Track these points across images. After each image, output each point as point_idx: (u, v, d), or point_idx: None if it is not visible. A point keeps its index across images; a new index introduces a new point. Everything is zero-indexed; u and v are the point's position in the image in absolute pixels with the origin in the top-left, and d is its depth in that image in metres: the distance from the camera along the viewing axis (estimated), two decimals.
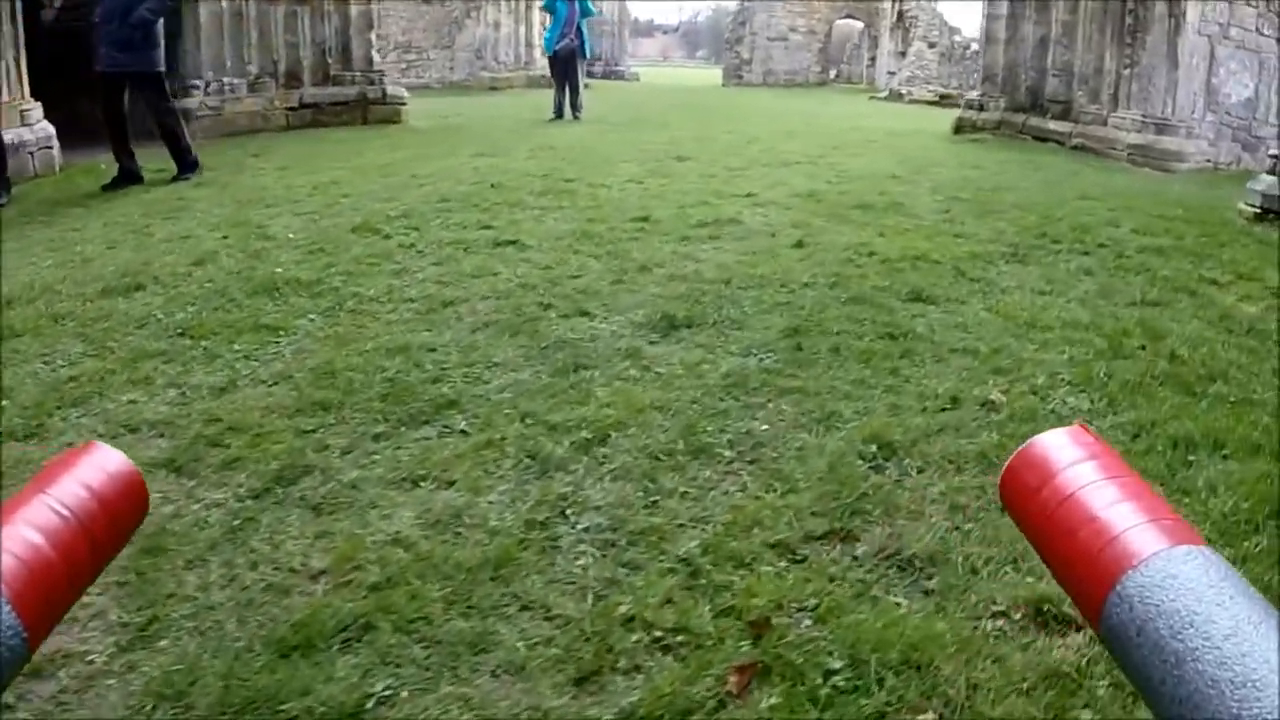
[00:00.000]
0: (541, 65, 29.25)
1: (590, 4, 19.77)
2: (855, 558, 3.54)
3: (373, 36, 18.08)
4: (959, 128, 17.65)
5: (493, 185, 10.47)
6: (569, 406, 4.79)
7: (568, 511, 3.88)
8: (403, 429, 4.68)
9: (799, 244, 8.10)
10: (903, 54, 34.36)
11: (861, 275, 7.20)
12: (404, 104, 18.38)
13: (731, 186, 10.80)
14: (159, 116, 11.37)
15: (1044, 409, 4.90)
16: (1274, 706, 1.06)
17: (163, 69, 11.23)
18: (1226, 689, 1.09)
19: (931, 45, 32.87)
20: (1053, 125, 16.44)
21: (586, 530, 3.75)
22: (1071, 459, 1.44)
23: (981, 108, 17.50)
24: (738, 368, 5.29)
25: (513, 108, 21.63)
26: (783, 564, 3.50)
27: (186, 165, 11.52)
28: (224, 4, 16.12)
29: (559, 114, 19.31)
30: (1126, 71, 15.33)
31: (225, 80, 16.35)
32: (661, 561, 3.52)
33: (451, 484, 4.14)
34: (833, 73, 42.13)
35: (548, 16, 20.78)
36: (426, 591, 3.38)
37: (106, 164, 11.47)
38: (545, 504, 3.93)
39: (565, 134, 16.29)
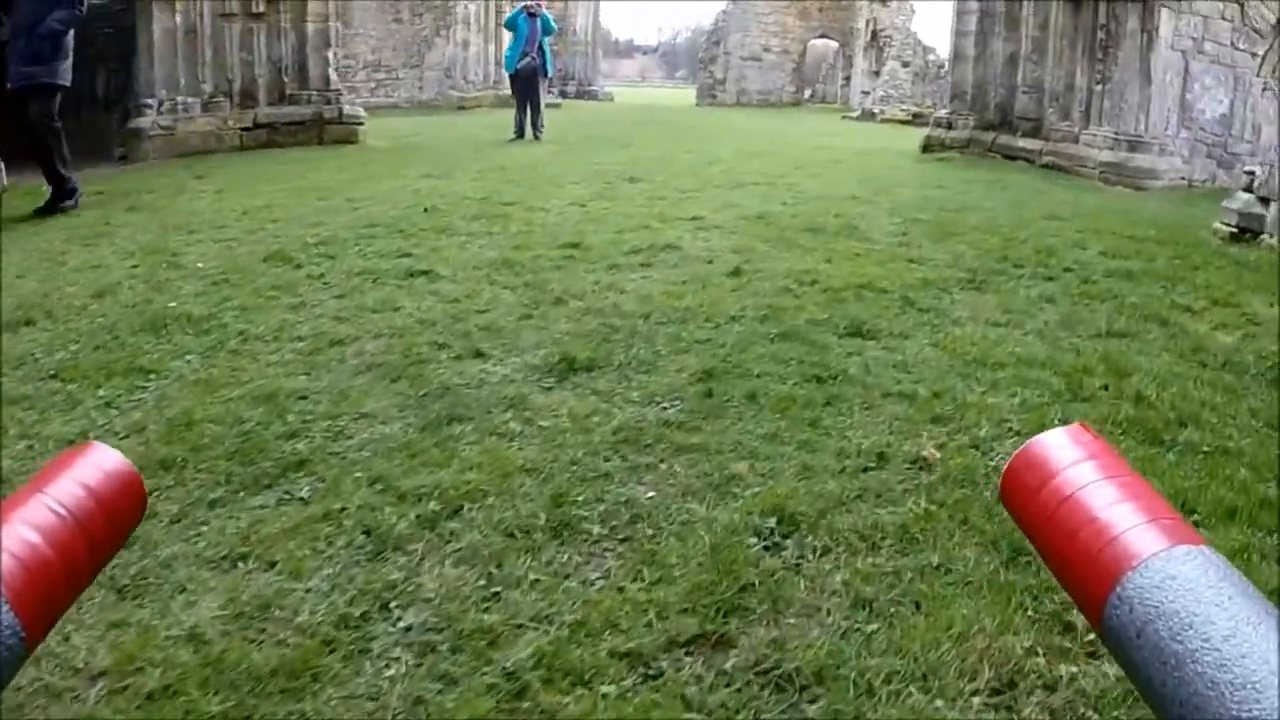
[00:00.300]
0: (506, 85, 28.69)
1: (552, 21, 19.08)
2: (723, 672, 2.83)
3: (330, 55, 17.36)
4: (927, 146, 17.04)
5: (426, 209, 9.78)
6: (427, 470, 4.09)
7: (392, 605, 3.19)
8: (242, 494, 4.00)
9: (735, 272, 7.42)
10: (877, 73, 33.83)
11: (798, 307, 6.53)
12: (361, 124, 17.68)
13: (679, 209, 10.13)
14: (38, 132, 10.36)
15: (985, 466, 4.21)
16: (1273, 708, 1.03)
17: (64, 82, 10.33)
18: (1226, 691, 1.06)
19: (905, 65, 32.30)
20: (1023, 143, 15.83)
21: (407, 630, 3.06)
22: (1071, 459, 1.41)
23: (950, 126, 16.88)
24: (633, 420, 4.58)
25: (477, 127, 20.94)
26: (630, 681, 2.80)
27: (61, 193, 10.43)
28: (178, 20, 15.44)
29: (520, 134, 18.62)
30: (1098, 88, 14.77)
31: (179, 99, 15.66)
32: (484, 675, 2.83)
33: (273, 565, 3.47)
34: (808, 93, 41.51)
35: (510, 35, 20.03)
36: (203, 705, 2.77)
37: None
38: (369, 594, 3.25)
39: (521, 154, 15.63)
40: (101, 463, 1.45)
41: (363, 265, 7.61)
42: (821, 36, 39.71)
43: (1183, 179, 14.79)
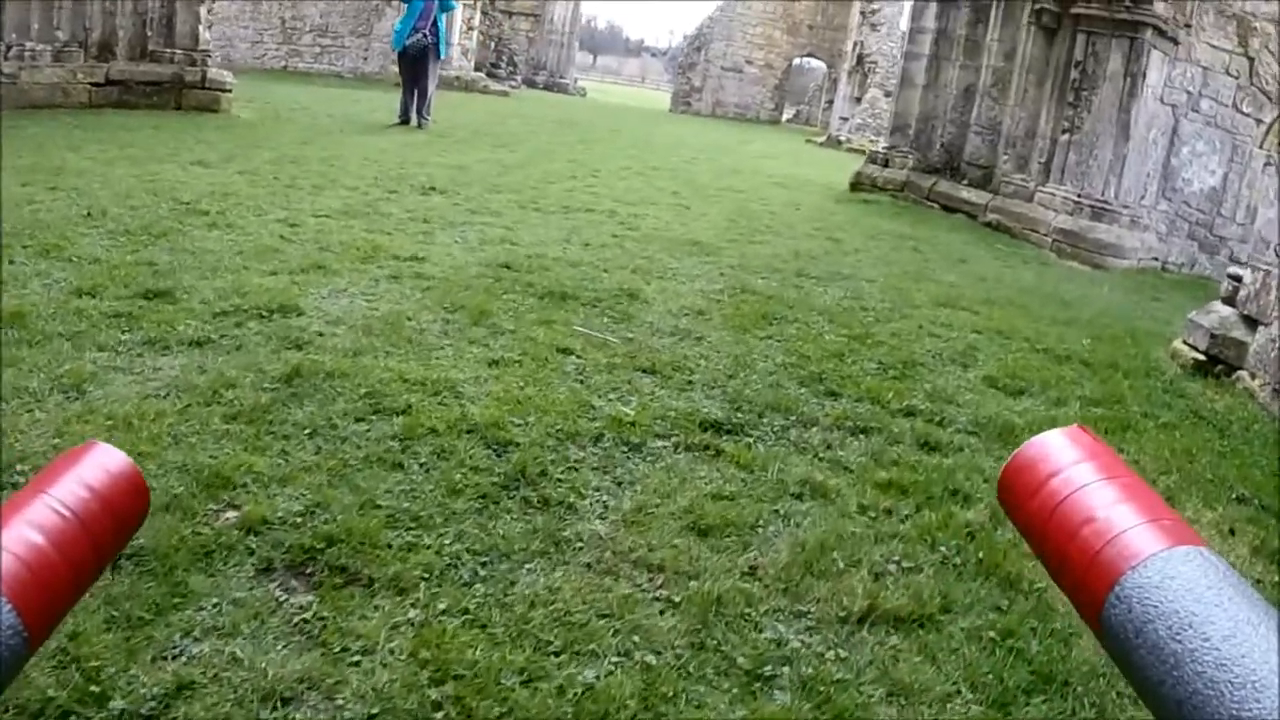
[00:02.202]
0: (458, 66, 25.29)
1: None
2: None
3: (202, 10, 14.13)
4: (856, 184, 13.67)
5: (88, 213, 6.53)
6: None
7: None
8: None
9: (290, 375, 4.05)
10: (859, 100, 30.30)
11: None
12: (226, 90, 14.45)
13: (420, 240, 6.87)
14: None
15: None
16: (1273, 708, 0.98)
17: None
18: (1226, 690, 1.02)
19: (888, 94, 28.72)
20: (967, 194, 12.45)
21: None
22: (1070, 459, 1.32)
23: (887, 163, 13.50)
24: None
25: (381, 108, 17.50)
26: None
27: None
28: None
29: (405, 119, 15.25)
30: (1064, 137, 11.48)
31: (27, 45, 12.78)
32: None
33: None
34: (790, 112, 38.02)
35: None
36: None
37: None
38: None
39: (365, 145, 12.30)
40: (104, 462, 1.34)
41: None
42: (809, 55, 36.15)
43: (1155, 259, 11.58)
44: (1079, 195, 11.27)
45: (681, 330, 5.59)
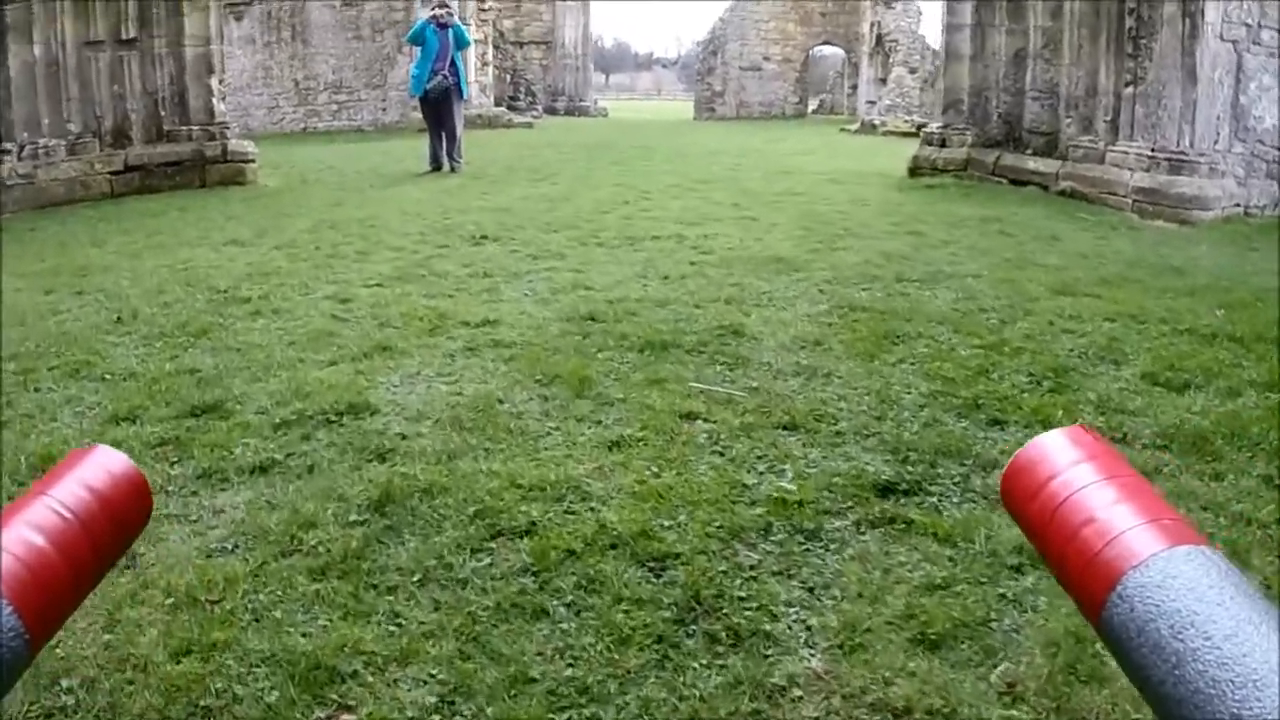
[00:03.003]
0: (478, 104, 24.58)
1: (466, 33, 14.87)
2: None
3: (213, 83, 13.49)
4: (915, 169, 12.81)
5: (118, 318, 5.82)
6: None
7: None
8: None
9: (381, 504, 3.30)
10: (883, 81, 29.38)
11: None
12: (250, 161, 13.82)
13: (484, 303, 6.07)
14: None
15: None
16: (1274, 707, 0.98)
17: None
18: (1227, 689, 1.01)
19: (913, 71, 27.87)
20: (1034, 164, 11.57)
21: None
22: (1072, 459, 1.31)
23: (944, 143, 12.61)
24: None
25: (409, 156, 16.82)
26: None
27: None
28: (36, 52, 11.95)
29: (435, 165, 14.52)
30: (1129, 90, 10.54)
31: (40, 142, 12.18)
32: None
33: None
34: (814, 103, 37.08)
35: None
36: None
37: None
38: None
39: (405, 196, 11.56)
40: (106, 465, 1.34)
41: None
42: (825, 43, 35.23)
43: (1238, 206, 10.59)
44: (1153, 149, 10.33)
45: (804, 368, 4.80)
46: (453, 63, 14.31)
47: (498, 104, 27.43)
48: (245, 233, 8.99)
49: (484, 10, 24.93)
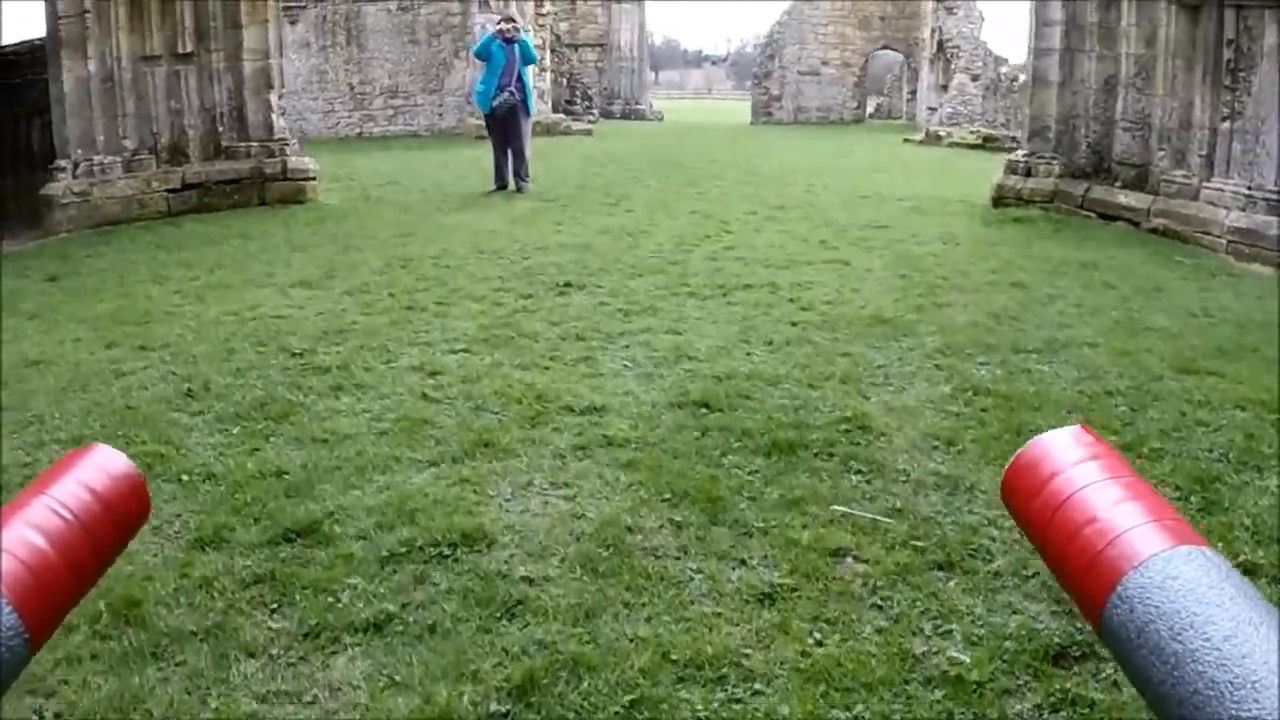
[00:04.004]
0: (536, 110, 24.19)
1: (533, 48, 14.47)
2: None
3: (273, 98, 13.20)
4: (999, 198, 12.27)
5: (188, 392, 5.46)
6: None
7: None
8: None
9: None
10: (944, 87, 28.80)
11: None
12: (311, 178, 13.56)
13: (580, 377, 5.71)
14: None
15: None
16: (1274, 708, 0.97)
17: None
18: (1226, 690, 1.00)
19: (975, 78, 27.27)
20: (1124, 198, 11.07)
21: None
22: (1073, 459, 1.30)
23: (1029, 172, 12.12)
24: None
25: (472, 169, 16.48)
26: None
27: None
28: (91, 68, 11.72)
29: (501, 184, 14.16)
30: (1225, 125, 10.05)
31: (95, 159, 11.97)
32: None
33: None
34: (871, 106, 36.50)
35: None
36: None
37: None
38: None
39: (476, 225, 11.21)
40: (105, 464, 1.33)
41: None
42: (884, 48, 34.68)
43: None
44: (1249, 188, 9.81)
45: (943, 479, 4.38)
46: (519, 79, 13.92)
47: (555, 109, 27.12)
48: (313, 271, 8.65)
49: (542, 15, 24.56)
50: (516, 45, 13.89)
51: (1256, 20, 9.64)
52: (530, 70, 17.73)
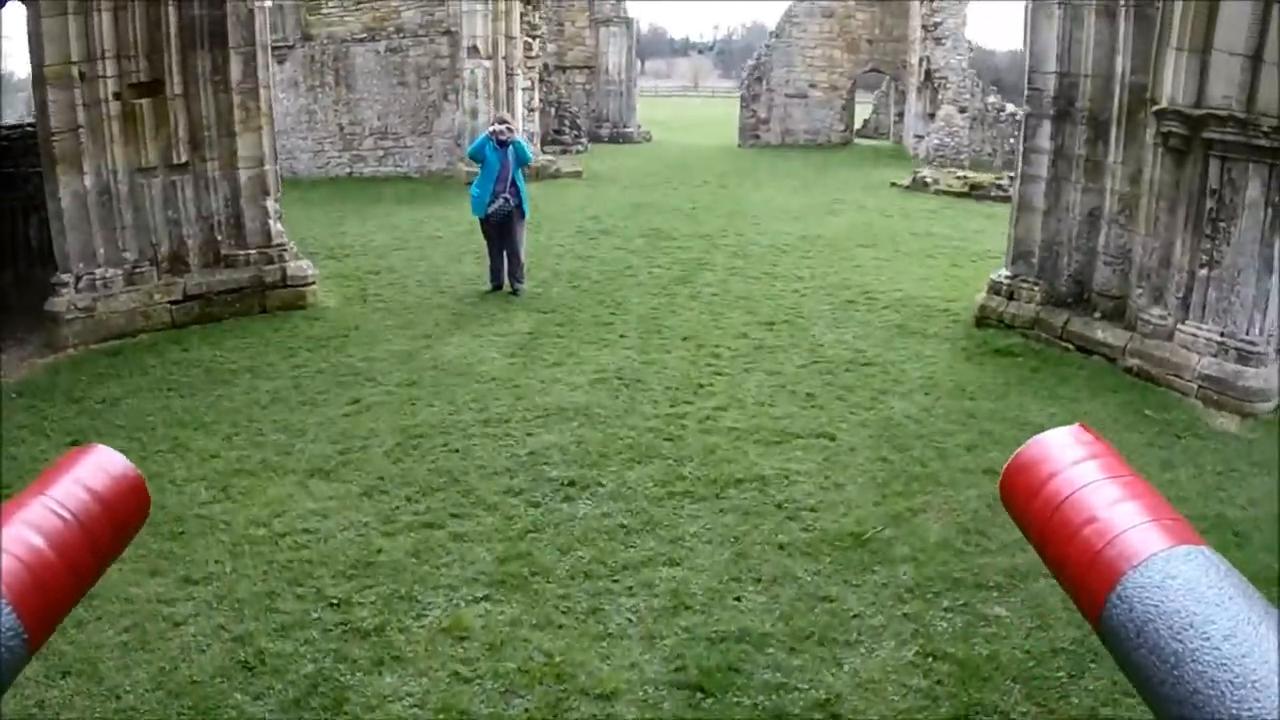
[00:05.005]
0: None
1: (528, 149, 15.17)
2: None
3: (269, 204, 13.90)
4: (982, 318, 13.10)
5: (246, 664, 6.28)
6: None
7: None
8: None
9: None
10: (931, 115, 29.57)
11: None
12: (309, 284, 14.33)
13: None
14: None
15: None
16: (1273, 707, 1.00)
17: None
18: (1226, 689, 1.03)
19: (962, 110, 28.06)
20: (1102, 333, 11.86)
21: None
22: (1073, 458, 1.36)
23: (1012, 295, 12.93)
24: None
25: (461, 246, 17.30)
26: None
27: None
28: (87, 183, 12.40)
29: (497, 285, 14.98)
30: (1203, 272, 10.80)
31: (97, 273, 12.70)
32: None
33: None
34: (859, 121, 37.23)
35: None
36: None
37: None
38: None
39: (471, 361, 12.13)
40: (105, 465, 1.39)
41: None
42: (872, 70, 35.35)
43: None
44: (1222, 334, 10.65)
45: None
46: (514, 183, 14.62)
47: (544, 139, 27.86)
48: (326, 449, 9.34)
49: (531, 59, 25.25)
50: (511, 148, 14.58)
51: (1240, 173, 10.34)
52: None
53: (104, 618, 6.67)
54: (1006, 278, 13.09)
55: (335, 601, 6.93)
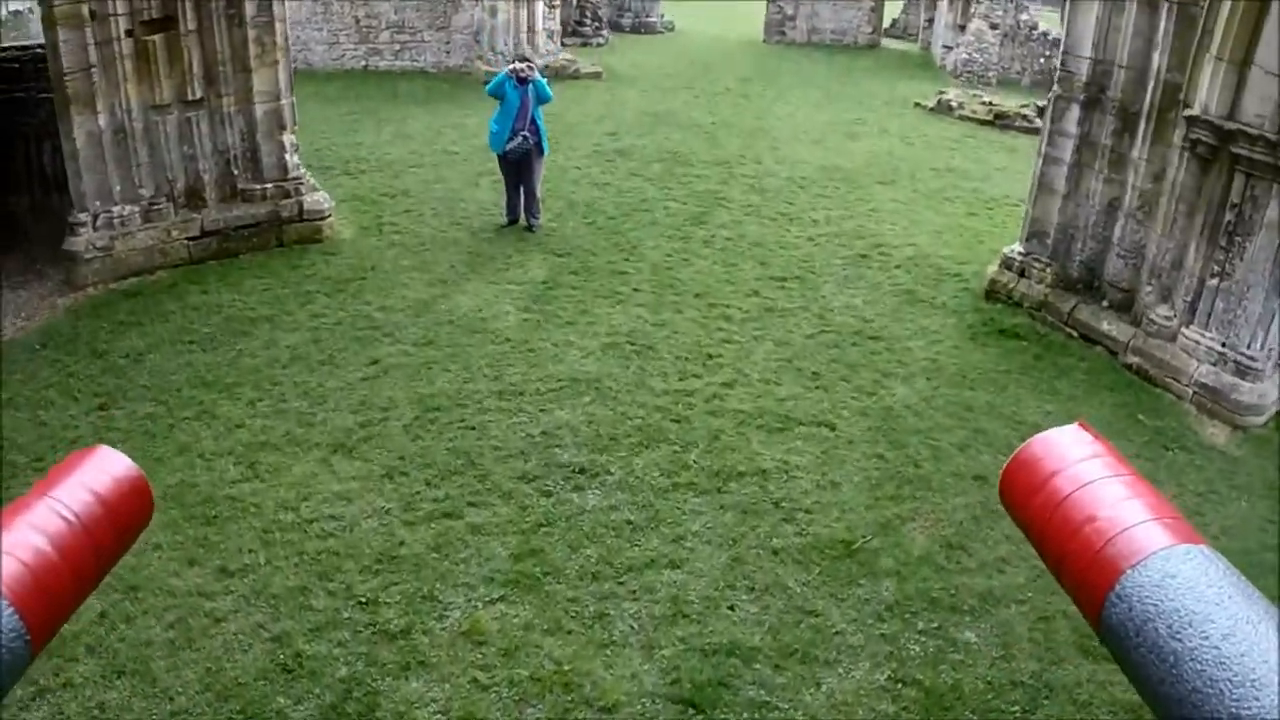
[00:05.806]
0: (544, 51, 25.71)
1: (547, 87, 15.63)
2: None
3: (286, 138, 14.33)
4: (991, 292, 13.77)
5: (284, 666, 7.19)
6: None
7: None
8: None
9: None
10: (962, 28, 29.79)
11: None
12: (325, 216, 14.91)
13: None
14: None
15: None
16: (1273, 706, 1.04)
17: None
18: (1225, 688, 1.09)
19: (994, 26, 28.30)
20: (1107, 325, 12.44)
21: None
22: (1073, 457, 1.38)
23: (1023, 272, 13.56)
24: None
25: (479, 166, 17.97)
26: None
27: None
28: (101, 122, 12.80)
29: (512, 218, 15.64)
30: (1213, 281, 11.25)
31: (114, 210, 13.23)
32: None
33: None
34: (888, 19, 37.29)
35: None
36: None
37: None
38: None
39: (483, 320, 12.87)
40: (108, 467, 1.41)
41: None
42: None
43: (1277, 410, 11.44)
44: (1223, 344, 11.20)
45: None
46: (533, 121, 15.11)
47: (565, 32, 28.24)
48: (348, 420, 10.04)
49: None
50: (530, 86, 15.04)
51: (1264, 191, 10.64)
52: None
53: (149, 611, 7.49)
54: (1020, 254, 13.64)
55: (364, 600, 7.72)
